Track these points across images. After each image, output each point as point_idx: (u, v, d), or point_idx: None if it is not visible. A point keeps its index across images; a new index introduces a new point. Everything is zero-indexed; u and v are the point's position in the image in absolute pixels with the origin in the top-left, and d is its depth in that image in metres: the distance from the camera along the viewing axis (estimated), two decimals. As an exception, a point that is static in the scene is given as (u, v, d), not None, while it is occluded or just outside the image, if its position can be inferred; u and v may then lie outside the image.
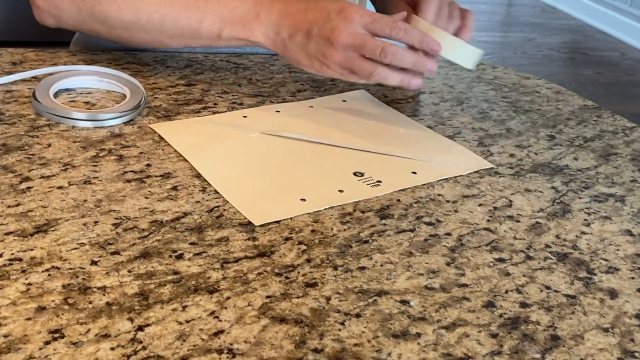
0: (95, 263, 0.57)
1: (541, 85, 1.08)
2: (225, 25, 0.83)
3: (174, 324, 0.52)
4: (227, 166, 0.74)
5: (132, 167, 0.72)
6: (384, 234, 0.66)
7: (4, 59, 0.93)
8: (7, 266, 0.56)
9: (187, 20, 0.84)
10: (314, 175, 0.74)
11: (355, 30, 0.79)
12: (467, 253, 0.64)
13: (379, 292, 0.58)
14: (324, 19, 0.80)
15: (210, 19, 0.83)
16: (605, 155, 0.88)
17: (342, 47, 0.79)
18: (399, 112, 0.92)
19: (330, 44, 0.79)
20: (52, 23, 0.88)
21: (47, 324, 0.50)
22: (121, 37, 0.87)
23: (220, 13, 0.83)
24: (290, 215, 0.67)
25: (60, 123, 0.78)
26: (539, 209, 0.74)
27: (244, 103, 0.89)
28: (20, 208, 0.63)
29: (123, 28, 0.85)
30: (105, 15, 0.84)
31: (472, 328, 0.55)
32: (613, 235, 0.70)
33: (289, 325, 0.53)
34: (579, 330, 0.56)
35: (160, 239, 0.61)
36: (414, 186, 0.75)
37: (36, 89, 0.82)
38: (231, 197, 0.68)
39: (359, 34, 0.79)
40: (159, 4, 0.84)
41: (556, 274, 0.63)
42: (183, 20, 0.84)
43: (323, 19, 0.80)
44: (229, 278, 0.57)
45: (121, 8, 0.83)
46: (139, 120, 0.81)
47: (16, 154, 0.71)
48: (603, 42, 4.37)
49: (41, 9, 0.86)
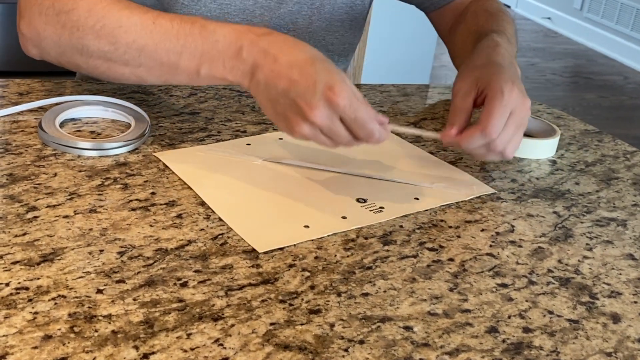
0: (100, 291, 0.58)
1: (542, 110, 1.09)
2: (204, 62, 0.78)
3: (179, 352, 0.52)
4: (231, 194, 0.75)
5: (137, 196, 0.72)
6: (387, 260, 0.66)
7: (11, 90, 0.94)
8: (14, 295, 0.56)
9: (165, 52, 0.79)
10: (317, 202, 0.75)
11: (332, 116, 0.72)
12: (470, 278, 0.65)
13: (382, 318, 0.58)
14: (307, 87, 0.72)
15: (189, 53, 0.78)
16: (607, 180, 0.88)
17: (312, 125, 0.72)
18: (400, 139, 0.93)
19: (302, 117, 0.72)
20: (35, 53, 0.85)
21: (53, 353, 0.51)
22: (99, 69, 0.83)
23: (201, 47, 0.78)
24: (293, 242, 0.67)
25: (66, 152, 0.79)
26: (541, 233, 0.74)
27: (247, 131, 0.90)
28: (26, 237, 0.64)
29: (101, 58, 0.81)
30: (84, 43, 0.81)
31: (475, 353, 0.55)
32: (615, 260, 0.71)
33: (293, 352, 0.53)
34: (582, 355, 0.56)
35: (165, 267, 0.62)
36: (417, 212, 0.75)
37: (42, 119, 0.83)
38: (235, 225, 0.69)
39: (334, 124, 0.72)
40: (137, 33, 0.79)
41: (559, 298, 0.63)
42: (161, 53, 0.79)
43: (307, 86, 0.72)
44: (233, 305, 0.58)
45: (99, 36, 0.80)
46: (143, 149, 0.82)
47: (23, 183, 0.72)
48: (606, 66, 4.39)
49: (25, 37, 0.84)
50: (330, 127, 0.72)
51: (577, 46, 4.73)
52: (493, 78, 0.79)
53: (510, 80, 0.79)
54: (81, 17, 0.80)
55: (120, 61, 0.81)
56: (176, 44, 0.78)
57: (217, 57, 0.78)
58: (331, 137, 0.74)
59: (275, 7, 1.04)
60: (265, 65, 0.75)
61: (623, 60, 4.46)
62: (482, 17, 1.02)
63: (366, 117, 0.73)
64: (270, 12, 1.04)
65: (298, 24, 1.06)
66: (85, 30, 0.80)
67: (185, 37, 0.79)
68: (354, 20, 1.12)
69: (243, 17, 1.03)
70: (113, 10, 0.80)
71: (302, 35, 1.07)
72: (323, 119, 0.71)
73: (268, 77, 0.74)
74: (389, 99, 1.07)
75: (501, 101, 0.76)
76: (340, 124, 0.73)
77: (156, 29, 0.79)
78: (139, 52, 0.80)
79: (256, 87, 0.76)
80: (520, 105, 0.78)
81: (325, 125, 0.72)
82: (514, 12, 5.37)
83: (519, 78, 0.83)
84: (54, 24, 0.81)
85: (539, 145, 0.92)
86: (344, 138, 0.74)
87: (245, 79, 0.77)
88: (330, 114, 0.72)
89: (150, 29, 0.79)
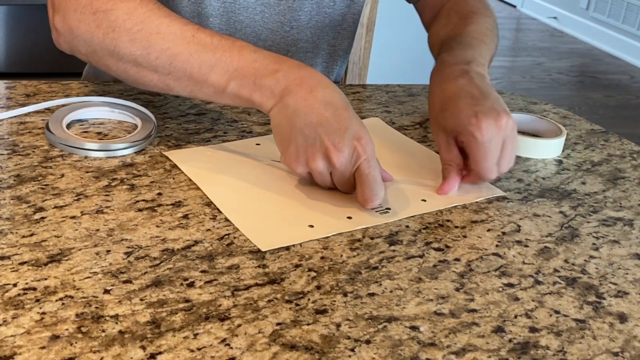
0: (107, 292, 0.58)
1: (548, 110, 1.09)
2: (235, 78, 0.76)
3: (186, 352, 0.52)
4: (237, 193, 0.75)
5: (143, 196, 0.73)
6: (393, 260, 0.66)
7: (18, 91, 0.94)
8: (22, 295, 0.56)
9: (198, 63, 0.78)
10: (323, 202, 0.75)
11: (349, 165, 0.73)
12: (476, 278, 0.65)
13: (388, 318, 0.58)
14: (338, 129, 0.72)
15: (222, 67, 0.77)
16: (613, 179, 0.88)
17: (330, 164, 0.73)
18: (408, 138, 0.93)
19: (323, 154, 0.72)
20: (66, 48, 0.85)
21: (61, 353, 0.51)
22: (128, 72, 0.82)
23: (237, 63, 0.77)
24: (297, 242, 0.67)
25: (73, 153, 0.79)
26: (547, 233, 0.74)
27: (253, 131, 0.90)
28: (34, 238, 0.64)
29: (131, 62, 0.80)
30: (116, 45, 0.80)
31: (481, 353, 0.55)
32: (622, 259, 0.71)
33: (300, 352, 0.53)
34: (588, 355, 0.56)
35: (172, 267, 0.62)
36: (423, 213, 0.75)
37: (49, 120, 0.83)
38: (240, 224, 0.69)
39: (350, 171, 0.73)
40: (174, 41, 0.78)
41: (565, 298, 0.63)
42: (194, 64, 0.78)
43: (337, 128, 0.72)
44: (240, 305, 0.58)
45: (134, 39, 0.79)
46: (150, 150, 0.82)
47: (30, 184, 0.73)
48: (612, 65, 4.38)
49: (58, 33, 0.84)
50: (342, 173, 0.73)
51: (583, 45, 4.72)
52: (459, 124, 0.79)
53: (474, 114, 0.78)
54: (119, 18, 0.79)
55: (150, 67, 0.79)
56: (211, 57, 0.77)
57: (250, 74, 0.76)
58: (337, 182, 0.75)
59: (276, 3, 1.04)
60: (299, 93, 0.74)
61: (629, 60, 4.45)
62: (452, 21, 1.02)
63: (378, 178, 0.73)
64: (271, 9, 1.04)
65: (300, 20, 1.06)
66: (120, 32, 0.79)
67: (223, 52, 0.77)
68: (354, 15, 1.12)
69: (246, 14, 1.03)
70: (154, 16, 0.79)
71: (304, 32, 1.08)
72: (342, 163, 0.72)
73: (299, 105, 0.74)
74: (395, 99, 1.07)
75: (479, 147, 0.77)
76: (352, 174, 0.74)
77: (194, 40, 0.78)
78: (171, 60, 0.78)
79: (282, 110, 0.75)
80: (495, 131, 0.77)
81: (340, 171, 0.73)
82: (520, 12, 5.36)
83: (482, 93, 0.81)
84: (88, 22, 0.80)
85: (545, 145, 0.92)
86: (348, 188, 0.75)
87: (273, 99, 0.76)
88: (349, 162, 0.72)
89: (189, 39, 0.78)
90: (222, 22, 1.03)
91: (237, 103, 0.79)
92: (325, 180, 0.75)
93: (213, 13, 1.02)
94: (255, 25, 1.05)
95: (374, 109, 1.02)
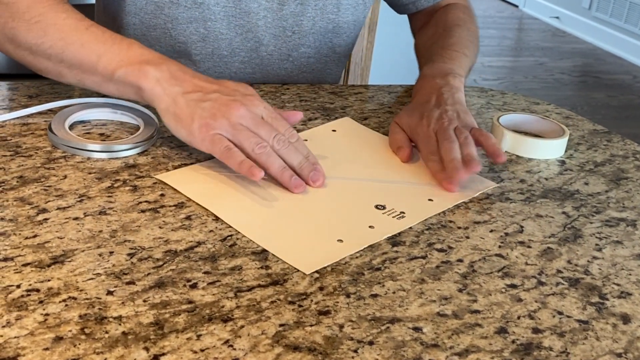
0: (111, 293, 0.58)
1: (550, 110, 1.09)
2: (122, 66, 0.81)
3: (189, 353, 0.52)
4: (250, 213, 0.72)
5: (146, 198, 0.73)
6: (395, 261, 0.66)
7: (21, 93, 0.95)
8: (25, 297, 0.57)
9: (88, 52, 0.83)
10: (342, 212, 0.74)
11: (254, 113, 0.78)
12: (479, 279, 0.65)
13: (391, 320, 0.58)
14: (228, 92, 0.80)
15: (110, 57, 0.82)
16: (616, 180, 0.88)
17: (236, 119, 0.77)
18: (381, 135, 0.93)
19: (226, 110, 0.77)
20: None
21: (64, 354, 0.51)
22: (25, 59, 0.87)
23: (125, 54, 0.82)
24: (336, 259, 0.65)
25: (76, 155, 0.79)
26: (550, 234, 0.74)
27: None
28: (37, 239, 0.64)
29: (27, 49, 0.86)
30: (14, 34, 0.85)
31: (484, 354, 0.55)
32: (625, 260, 0.71)
33: (303, 353, 0.53)
34: (592, 356, 0.56)
35: (175, 269, 0.62)
36: (435, 214, 0.75)
37: (52, 121, 0.84)
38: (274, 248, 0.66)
39: (257, 118, 0.78)
40: (68, 32, 0.84)
41: (568, 299, 0.63)
42: (84, 53, 0.83)
43: (227, 92, 0.79)
44: (243, 307, 0.58)
45: (30, 29, 0.85)
46: (152, 151, 0.82)
47: (33, 185, 0.73)
48: (614, 65, 4.38)
49: None
50: (252, 122, 0.77)
51: (585, 45, 4.72)
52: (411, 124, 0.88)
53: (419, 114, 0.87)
54: (19, 10, 0.85)
55: (44, 55, 0.85)
56: (101, 47, 0.83)
57: (135, 62, 0.82)
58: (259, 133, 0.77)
59: (278, 8, 1.04)
60: (184, 80, 0.80)
61: (632, 59, 4.44)
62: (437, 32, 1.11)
63: (280, 117, 0.80)
64: (274, 14, 1.04)
65: (303, 26, 1.06)
66: (19, 22, 0.85)
67: (112, 44, 0.83)
68: (357, 20, 1.12)
69: (247, 19, 1.03)
70: (52, 11, 0.85)
71: (306, 37, 1.08)
72: (246, 113, 0.77)
73: (185, 89, 0.79)
74: (397, 99, 1.07)
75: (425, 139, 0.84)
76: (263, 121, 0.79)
77: (87, 32, 0.85)
78: (63, 49, 0.84)
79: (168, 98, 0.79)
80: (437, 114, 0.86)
81: (249, 119, 0.77)
82: (522, 12, 5.36)
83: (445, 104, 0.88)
84: None
85: (547, 145, 0.92)
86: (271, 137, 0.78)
87: (157, 87, 0.80)
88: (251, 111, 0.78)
89: (82, 32, 0.85)
90: (224, 26, 1.03)
91: (124, 92, 0.83)
92: (250, 138, 0.76)
93: (215, 17, 1.02)
94: (257, 30, 1.05)
95: (376, 110, 1.02)
